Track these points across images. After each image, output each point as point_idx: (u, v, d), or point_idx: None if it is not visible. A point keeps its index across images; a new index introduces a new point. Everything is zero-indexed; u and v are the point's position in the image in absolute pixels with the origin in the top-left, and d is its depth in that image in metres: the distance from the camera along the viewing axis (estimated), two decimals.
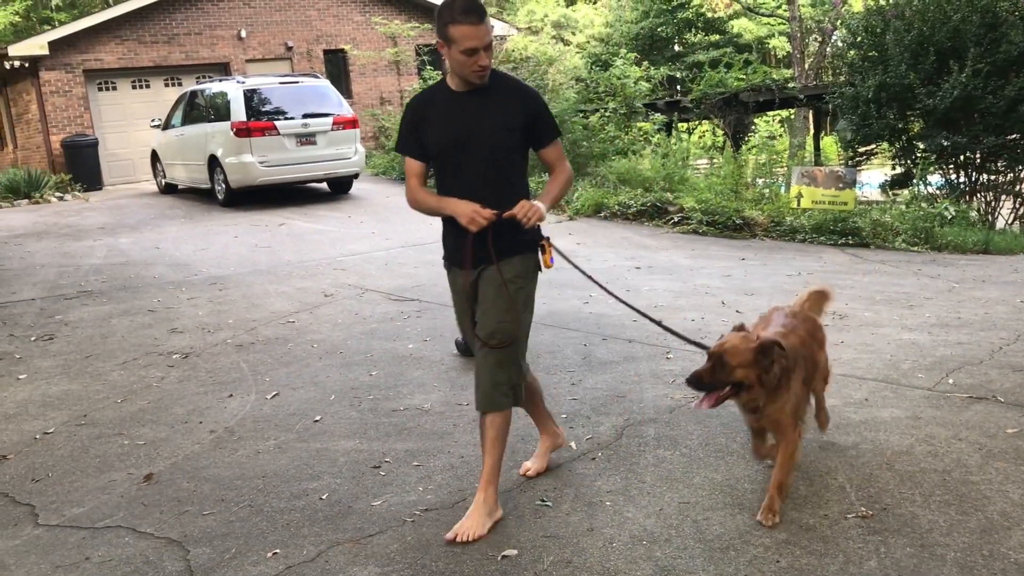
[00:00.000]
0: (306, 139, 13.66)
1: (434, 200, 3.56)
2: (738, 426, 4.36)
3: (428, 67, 19.56)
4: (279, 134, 13.41)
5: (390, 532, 3.48)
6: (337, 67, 21.43)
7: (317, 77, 15.13)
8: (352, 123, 14.20)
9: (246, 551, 3.41)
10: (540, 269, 3.66)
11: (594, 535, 3.35)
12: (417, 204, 3.61)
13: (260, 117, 13.45)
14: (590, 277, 4.07)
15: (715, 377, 3.35)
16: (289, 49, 20.77)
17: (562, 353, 5.83)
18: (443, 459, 4.18)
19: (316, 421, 4.81)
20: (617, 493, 3.70)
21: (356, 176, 14.93)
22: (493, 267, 3.49)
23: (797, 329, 3.73)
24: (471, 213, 3.38)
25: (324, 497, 3.84)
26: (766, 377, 3.34)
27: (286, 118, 13.60)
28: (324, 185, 15.27)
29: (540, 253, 3.61)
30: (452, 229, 3.58)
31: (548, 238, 3.63)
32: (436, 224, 3.78)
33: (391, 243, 10.44)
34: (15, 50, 17.91)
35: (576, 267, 4.00)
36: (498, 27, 23.42)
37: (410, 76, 21.67)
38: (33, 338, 6.86)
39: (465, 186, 3.49)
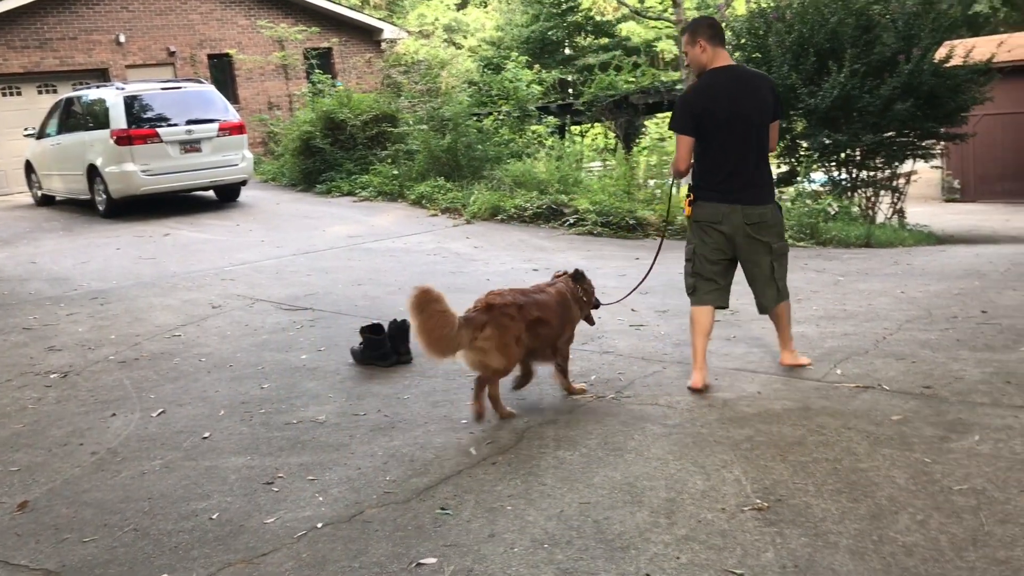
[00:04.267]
0: (191, 146, 13.23)
1: None
2: (636, 423, 4.39)
3: (317, 71, 19.24)
4: (162, 141, 12.95)
5: (284, 550, 3.35)
6: (223, 72, 20.87)
7: (201, 82, 14.71)
8: (239, 129, 13.84)
9: None
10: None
11: (495, 541, 3.30)
12: None
13: (141, 124, 12.95)
14: None
15: None
16: (172, 54, 20.13)
17: None
18: (339, 472, 4.06)
19: (205, 438, 4.62)
20: (518, 497, 3.66)
21: (244, 183, 14.55)
22: None
23: None
24: None
25: (214, 517, 3.68)
26: None
27: (169, 125, 13.14)
28: (211, 193, 14.83)
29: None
30: None
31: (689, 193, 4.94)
32: (329, 231, 3.69)
33: (282, 251, 10.19)
34: None
35: None
36: (388, 31, 23.25)
37: (299, 80, 21.28)
38: None
39: None
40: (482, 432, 4.43)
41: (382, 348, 5.68)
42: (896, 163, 13.17)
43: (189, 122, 13.29)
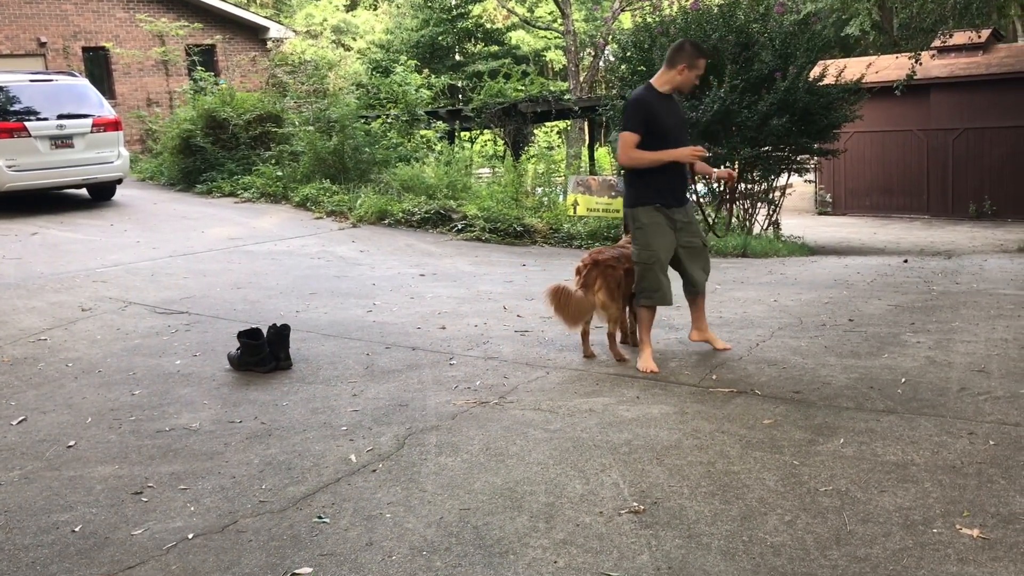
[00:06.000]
0: (62, 142, 12.64)
1: (651, 155, 5.25)
2: (518, 429, 4.40)
3: (199, 68, 18.71)
4: (30, 136, 12.33)
5: (152, 562, 3.22)
6: (99, 66, 20.05)
7: (75, 76, 14.09)
8: (114, 125, 13.30)
9: None
10: None
11: (373, 549, 3.25)
12: (635, 160, 5.27)
13: (8, 117, 12.31)
14: None
15: None
16: (42, 45, 19.21)
17: (344, 363, 5.67)
18: (213, 481, 3.93)
19: (70, 447, 4.40)
20: (397, 504, 3.62)
21: (119, 181, 14.00)
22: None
23: None
24: (692, 151, 5.32)
25: (77, 529, 3.51)
26: None
27: (39, 119, 12.53)
28: (84, 192, 14.21)
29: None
30: (667, 177, 5.37)
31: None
32: (209, 232, 3.55)
33: (158, 253, 9.83)
34: None
35: None
36: (274, 29, 22.79)
37: (180, 77, 20.62)
38: None
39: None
40: (363, 439, 4.37)
41: (260, 353, 5.54)
42: (772, 176, 13.65)
43: (61, 116, 12.70)
